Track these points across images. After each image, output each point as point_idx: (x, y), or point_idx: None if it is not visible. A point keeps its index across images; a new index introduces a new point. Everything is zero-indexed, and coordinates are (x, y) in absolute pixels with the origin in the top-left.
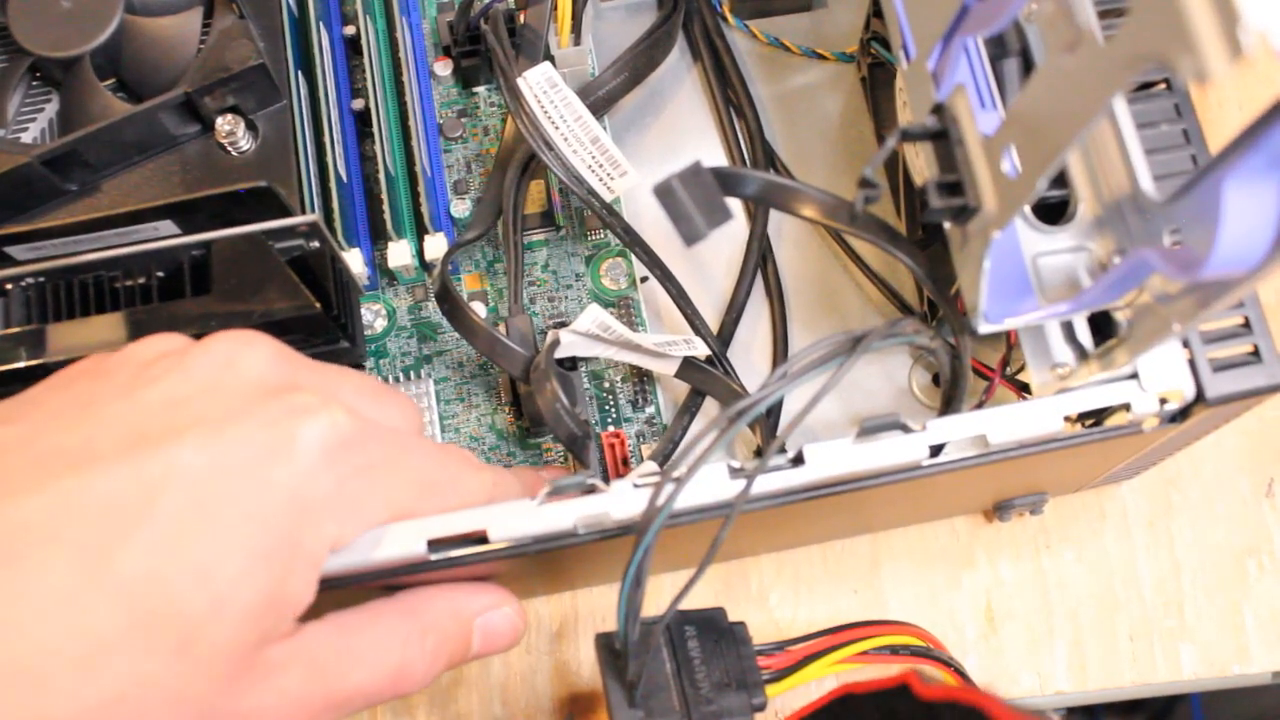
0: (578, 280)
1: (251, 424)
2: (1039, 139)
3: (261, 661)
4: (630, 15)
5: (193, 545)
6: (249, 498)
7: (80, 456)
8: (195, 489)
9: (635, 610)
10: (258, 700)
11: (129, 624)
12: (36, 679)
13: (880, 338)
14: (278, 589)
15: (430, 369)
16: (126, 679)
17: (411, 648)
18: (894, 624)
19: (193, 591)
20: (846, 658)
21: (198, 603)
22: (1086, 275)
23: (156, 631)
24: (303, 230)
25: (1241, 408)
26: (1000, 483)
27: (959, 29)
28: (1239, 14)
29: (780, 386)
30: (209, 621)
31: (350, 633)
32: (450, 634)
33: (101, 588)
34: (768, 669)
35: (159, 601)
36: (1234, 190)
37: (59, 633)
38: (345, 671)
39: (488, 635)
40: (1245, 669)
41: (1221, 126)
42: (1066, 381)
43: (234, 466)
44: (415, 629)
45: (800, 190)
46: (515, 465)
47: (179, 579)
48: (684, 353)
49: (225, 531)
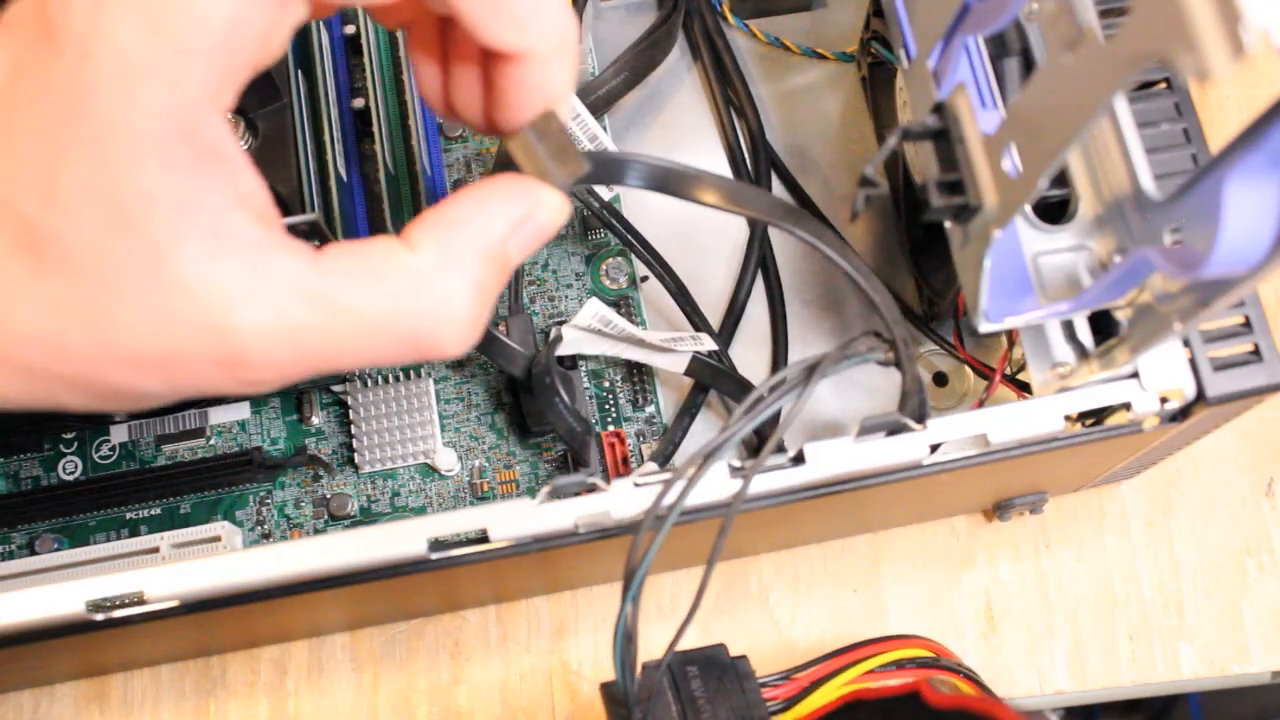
0: (578, 280)
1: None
2: (1040, 138)
3: (224, 215)
4: (630, 15)
5: None
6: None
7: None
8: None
9: (630, 662)
10: (241, 280)
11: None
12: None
13: (834, 362)
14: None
15: (430, 369)
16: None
17: (437, 315)
18: (898, 639)
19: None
20: (854, 679)
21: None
22: (1087, 274)
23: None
24: (303, 229)
25: (1242, 407)
26: (1000, 482)
27: (960, 28)
28: (1240, 12)
29: (742, 425)
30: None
31: (355, 280)
32: (483, 280)
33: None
34: (774, 700)
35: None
36: (1235, 189)
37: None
38: (348, 318)
39: (526, 245)
40: (1244, 668)
41: (1221, 126)
42: (1067, 381)
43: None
44: (439, 296)
45: (692, 175)
46: (515, 465)
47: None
48: (691, 348)
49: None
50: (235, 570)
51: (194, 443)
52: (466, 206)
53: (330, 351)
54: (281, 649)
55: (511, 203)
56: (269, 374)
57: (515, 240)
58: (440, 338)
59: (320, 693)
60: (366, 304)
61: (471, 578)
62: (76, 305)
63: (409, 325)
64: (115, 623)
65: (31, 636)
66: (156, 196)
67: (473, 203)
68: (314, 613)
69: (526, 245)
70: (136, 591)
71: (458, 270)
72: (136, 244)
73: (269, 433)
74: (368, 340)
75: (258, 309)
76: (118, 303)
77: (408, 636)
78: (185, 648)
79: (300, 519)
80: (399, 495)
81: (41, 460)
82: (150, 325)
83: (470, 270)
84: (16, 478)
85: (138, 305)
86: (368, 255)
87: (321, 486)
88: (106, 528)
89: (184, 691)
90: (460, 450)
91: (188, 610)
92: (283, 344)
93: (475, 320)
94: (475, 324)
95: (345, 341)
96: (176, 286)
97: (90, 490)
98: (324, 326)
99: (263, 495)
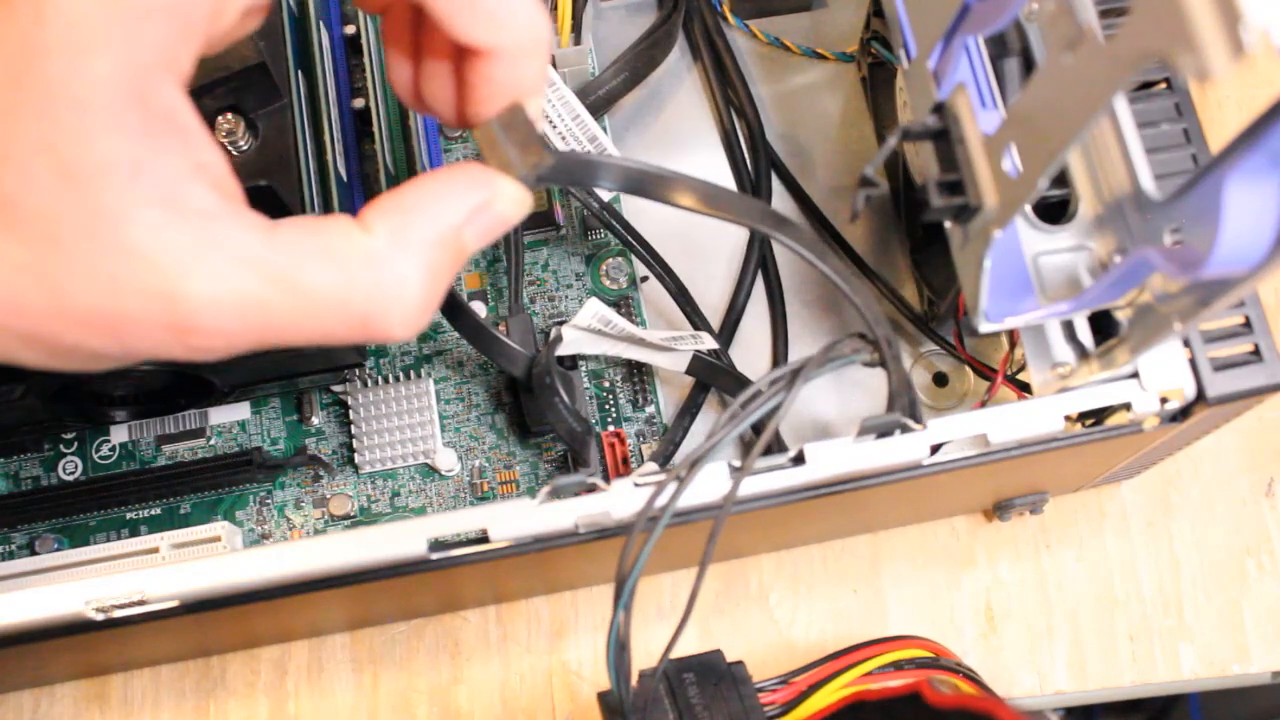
0: (578, 280)
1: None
2: (1040, 138)
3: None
4: (630, 15)
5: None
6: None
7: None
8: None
9: (625, 671)
10: (185, 239)
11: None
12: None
13: (818, 366)
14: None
15: (430, 369)
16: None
17: (387, 297)
18: (896, 640)
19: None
20: (852, 681)
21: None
22: (1087, 274)
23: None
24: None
25: (1242, 407)
26: (1000, 482)
27: (960, 28)
28: (1240, 12)
29: (728, 431)
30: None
31: (309, 257)
32: (436, 265)
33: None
34: (772, 704)
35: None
36: (1235, 189)
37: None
38: (298, 293)
39: (483, 234)
40: (1244, 668)
41: (1221, 126)
42: (1067, 381)
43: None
44: (391, 279)
45: (667, 177)
46: (515, 465)
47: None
48: (691, 347)
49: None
50: (235, 570)
51: (194, 443)
52: (424, 192)
53: (279, 325)
54: (281, 649)
55: (470, 191)
56: (217, 342)
57: (471, 228)
58: (389, 320)
59: (320, 693)
60: (318, 281)
61: (471, 578)
62: (30, 265)
63: (359, 306)
64: (115, 623)
65: (31, 636)
66: (108, 162)
67: (431, 189)
68: (314, 613)
69: (484, 234)
70: (136, 591)
71: (411, 254)
72: (88, 209)
73: (269, 433)
74: (317, 317)
75: (207, 278)
76: (70, 264)
77: (408, 636)
78: (185, 648)
79: (300, 519)
80: (399, 495)
81: (41, 460)
82: (101, 288)
83: (424, 255)
84: (16, 478)
85: (89, 268)
86: (323, 233)
87: (321, 486)
88: (106, 528)
89: (184, 691)
90: (460, 450)
91: (188, 610)
92: (231, 314)
93: (425, 305)
94: (425, 308)
95: (294, 316)
96: (127, 252)
97: (90, 490)
98: (274, 300)
99: (263, 495)
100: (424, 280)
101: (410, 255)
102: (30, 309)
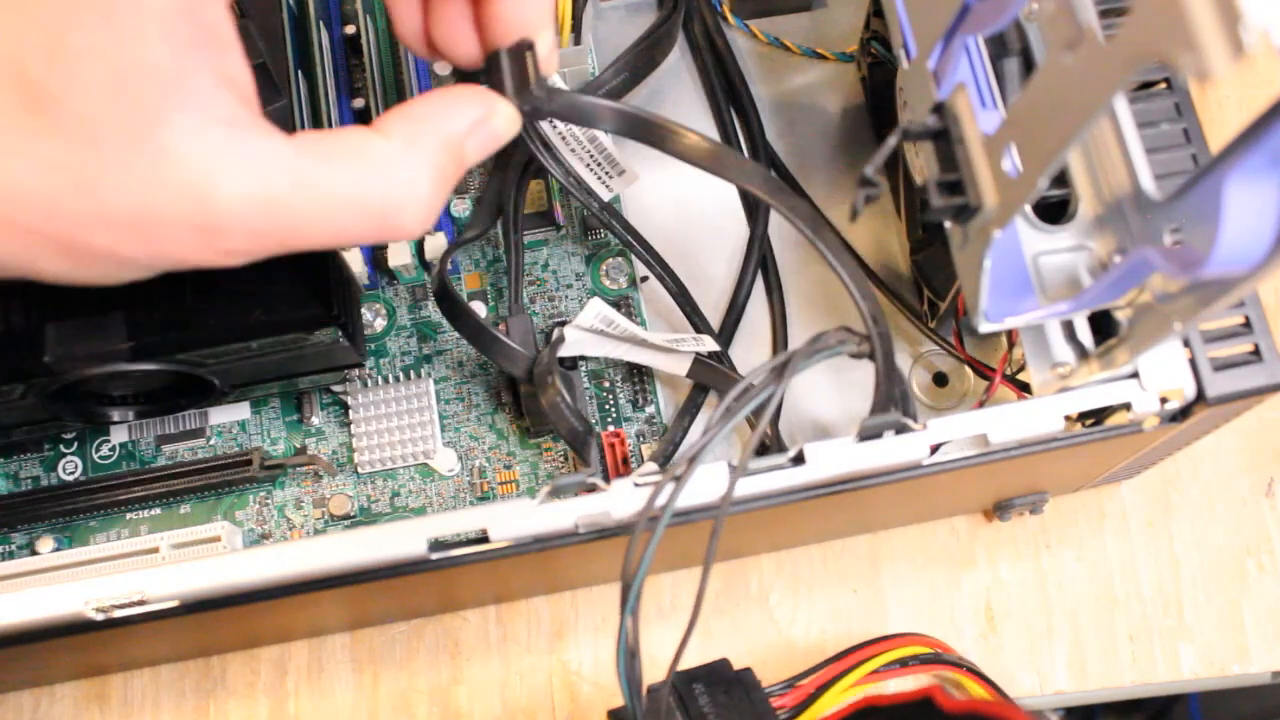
0: (578, 280)
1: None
2: (1040, 138)
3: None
4: (630, 15)
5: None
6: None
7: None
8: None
9: (636, 682)
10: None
11: None
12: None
13: (805, 358)
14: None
15: (430, 369)
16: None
17: (401, 194)
18: (898, 637)
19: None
20: (858, 680)
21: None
22: (1087, 274)
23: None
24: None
25: (1242, 407)
26: (1000, 482)
27: (960, 28)
28: (1241, 12)
29: (720, 428)
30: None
31: (330, 160)
32: (443, 168)
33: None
34: (782, 708)
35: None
36: (1235, 189)
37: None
38: (322, 193)
39: (480, 147)
40: (1244, 668)
41: (1221, 126)
42: (1067, 381)
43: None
44: (404, 178)
45: (664, 126)
46: (515, 465)
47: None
48: (693, 349)
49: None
50: (235, 570)
51: (194, 443)
52: (433, 104)
53: (303, 224)
54: (281, 649)
55: (472, 106)
56: (244, 243)
57: (473, 140)
58: (404, 217)
59: (320, 693)
60: (340, 181)
61: (471, 578)
62: (70, 166)
63: (377, 203)
64: (115, 623)
65: (31, 636)
66: (156, 68)
67: (439, 101)
68: (314, 613)
69: (481, 147)
70: (136, 591)
71: (422, 157)
72: (132, 111)
73: (269, 433)
74: (339, 215)
75: (239, 179)
76: (109, 166)
77: (408, 636)
78: (185, 648)
79: (300, 519)
80: (399, 495)
81: (41, 460)
82: (137, 189)
83: (433, 158)
84: (16, 478)
85: (127, 169)
86: (343, 138)
87: (321, 486)
88: (106, 528)
89: (184, 691)
90: (460, 450)
91: (188, 610)
92: (260, 214)
93: (434, 205)
94: (434, 209)
95: (318, 214)
96: (166, 153)
97: (90, 490)
98: (300, 199)
99: (263, 495)
100: (433, 181)
101: (421, 158)
102: (65, 211)
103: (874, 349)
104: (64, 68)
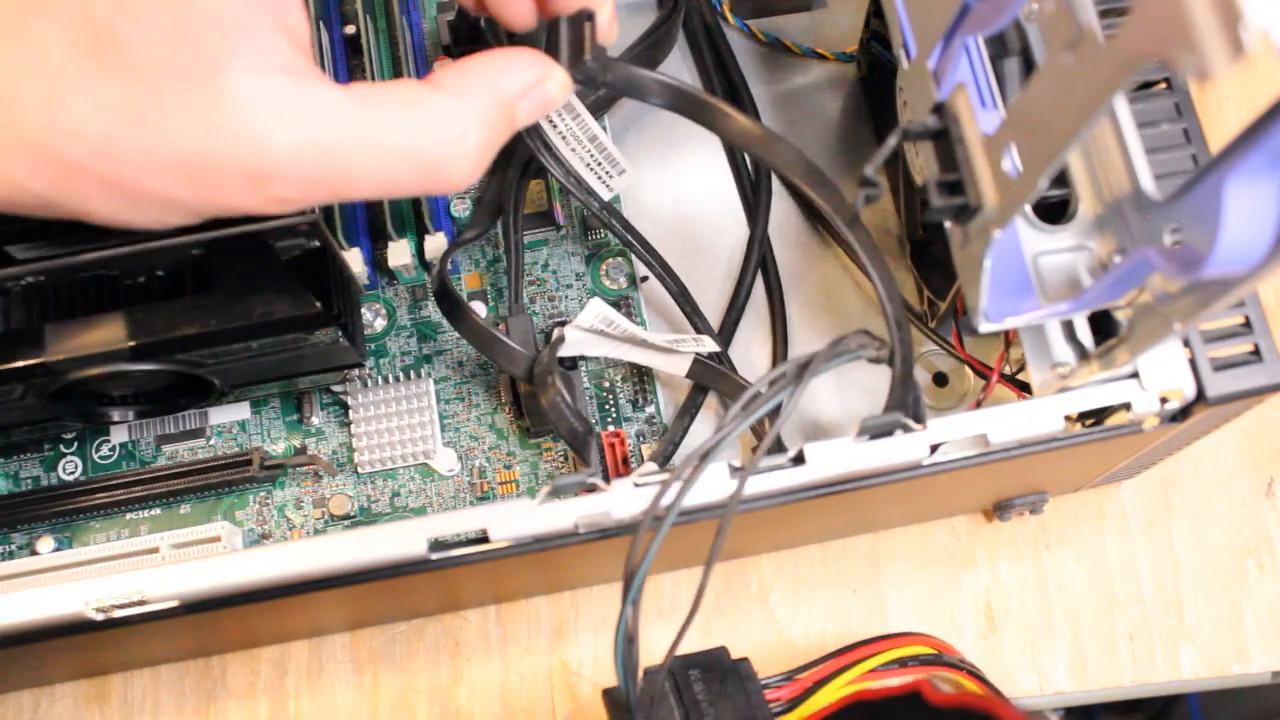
0: (578, 280)
1: None
2: (1040, 138)
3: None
4: (630, 15)
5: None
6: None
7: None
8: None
9: (632, 666)
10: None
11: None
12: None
13: (826, 360)
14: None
15: (430, 369)
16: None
17: (451, 146)
18: (899, 636)
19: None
20: (856, 677)
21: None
22: (1087, 274)
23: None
24: (303, 229)
25: (1242, 407)
26: (1000, 482)
27: (960, 28)
28: (1241, 12)
29: (737, 424)
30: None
31: (383, 109)
32: (494, 125)
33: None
34: (777, 701)
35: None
36: (1235, 189)
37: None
38: (373, 141)
39: (532, 110)
40: (1244, 668)
41: (1221, 126)
42: (1067, 381)
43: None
44: (456, 130)
45: (714, 105)
46: (515, 465)
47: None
48: (693, 349)
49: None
50: (235, 570)
51: (194, 443)
52: (489, 63)
53: (354, 172)
54: (281, 649)
55: (529, 68)
56: (295, 190)
57: (525, 102)
58: (451, 169)
59: (320, 693)
60: (392, 130)
61: (471, 578)
62: (128, 107)
63: (425, 153)
64: (115, 623)
65: (31, 636)
66: (219, 14)
67: (495, 60)
68: (314, 613)
69: (532, 110)
70: (136, 591)
71: (473, 112)
72: (193, 56)
73: (269, 433)
74: (389, 164)
75: (294, 125)
76: (167, 109)
77: (408, 636)
78: (185, 648)
79: (300, 519)
80: (399, 495)
81: (41, 460)
82: (194, 133)
83: (485, 114)
84: (16, 478)
85: (185, 113)
86: (396, 90)
87: (321, 486)
88: (106, 528)
89: (184, 691)
90: (460, 450)
91: (188, 610)
92: (313, 161)
93: (481, 159)
94: (480, 163)
95: (369, 163)
96: (224, 98)
97: (90, 490)
98: (352, 147)
99: (263, 495)
100: (483, 136)
101: (474, 112)
102: (120, 152)
103: (894, 355)
104: (129, 9)
